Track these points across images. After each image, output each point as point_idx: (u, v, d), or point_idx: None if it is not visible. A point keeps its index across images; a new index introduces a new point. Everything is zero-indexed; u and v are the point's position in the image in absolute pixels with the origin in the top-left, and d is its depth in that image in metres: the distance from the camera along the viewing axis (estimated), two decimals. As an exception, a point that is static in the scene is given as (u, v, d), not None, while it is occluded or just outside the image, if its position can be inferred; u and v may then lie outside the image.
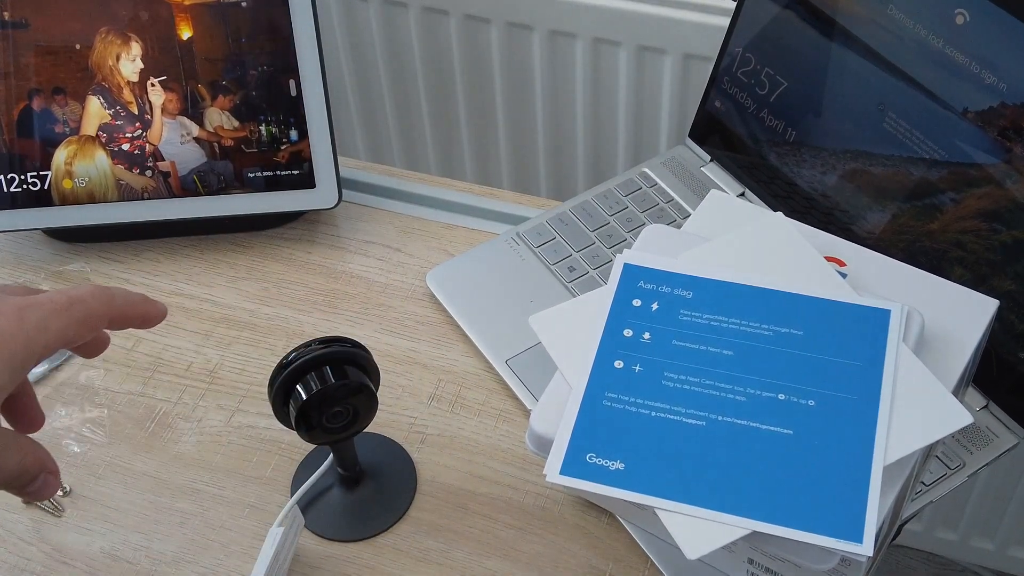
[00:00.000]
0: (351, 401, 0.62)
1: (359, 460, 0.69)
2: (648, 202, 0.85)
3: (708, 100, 0.87)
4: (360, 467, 0.69)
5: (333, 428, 0.63)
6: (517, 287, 0.80)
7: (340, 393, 0.61)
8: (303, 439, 0.63)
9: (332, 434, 0.63)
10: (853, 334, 0.55)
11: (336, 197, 0.83)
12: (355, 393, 0.62)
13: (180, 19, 0.79)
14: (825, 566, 0.50)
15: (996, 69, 0.66)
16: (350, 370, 0.62)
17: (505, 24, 1.15)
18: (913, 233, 0.73)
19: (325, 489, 0.69)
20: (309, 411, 0.61)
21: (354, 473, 0.69)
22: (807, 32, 0.77)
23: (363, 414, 0.63)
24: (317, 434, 0.63)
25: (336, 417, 0.62)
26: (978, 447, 0.69)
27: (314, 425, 0.62)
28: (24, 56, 0.79)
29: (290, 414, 0.62)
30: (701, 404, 0.53)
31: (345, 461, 0.68)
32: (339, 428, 0.63)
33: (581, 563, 0.66)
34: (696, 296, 0.57)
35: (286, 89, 0.80)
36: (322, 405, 0.61)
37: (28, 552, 0.68)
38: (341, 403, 0.62)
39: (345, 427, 0.63)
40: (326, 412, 0.62)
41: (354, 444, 0.67)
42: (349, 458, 0.68)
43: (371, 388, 0.63)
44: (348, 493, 0.69)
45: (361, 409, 0.63)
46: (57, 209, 0.82)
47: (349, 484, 0.69)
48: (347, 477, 0.69)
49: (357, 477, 0.69)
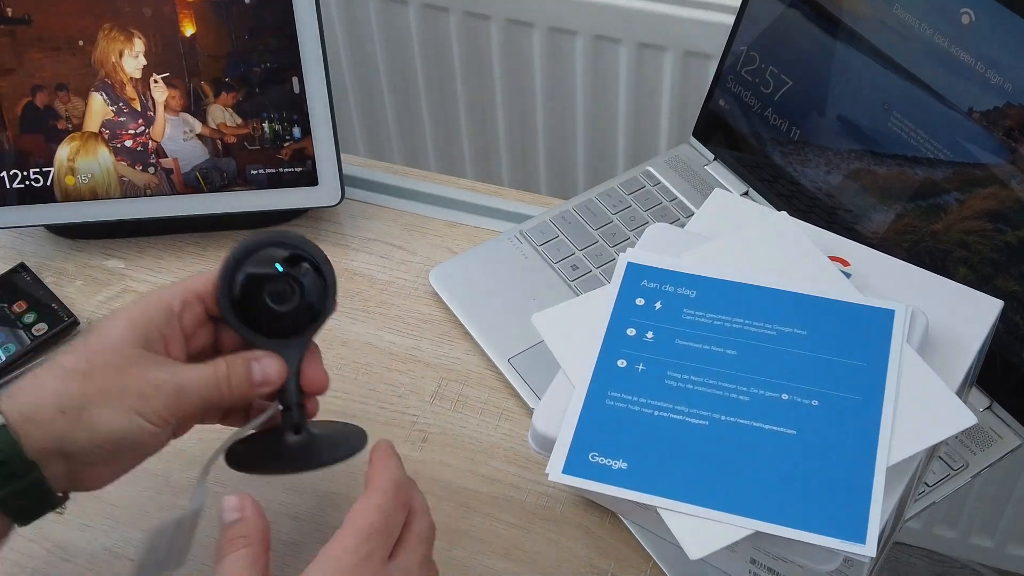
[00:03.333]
0: (296, 277, 0.58)
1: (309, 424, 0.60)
2: (651, 201, 0.85)
3: (712, 98, 0.86)
4: (304, 410, 0.60)
5: (282, 314, 0.58)
6: (520, 285, 0.80)
7: (279, 258, 0.58)
8: (255, 342, 0.58)
9: (283, 325, 0.58)
10: (857, 334, 0.55)
11: (339, 195, 0.83)
12: (297, 264, 0.58)
13: (183, 16, 0.79)
14: (828, 567, 0.50)
15: (1002, 69, 0.66)
16: (291, 245, 0.59)
17: (505, 21, 1.14)
18: (917, 233, 0.73)
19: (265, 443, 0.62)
20: (249, 287, 0.57)
21: (296, 415, 0.60)
22: (812, 31, 0.77)
23: (314, 299, 0.58)
24: (265, 323, 0.58)
25: (283, 299, 0.58)
26: (981, 448, 0.69)
27: (259, 308, 0.57)
28: (27, 52, 0.79)
29: (233, 306, 0.58)
30: (704, 404, 0.53)
31: (288, 384, 0.59)
32: (289, 315, 0.58)
33: (583, 562, 0.66)
34: (700, 295, 0.57)
35: (289, 86, 0.80)
36: (264, 281, 0.57)
37: (30, 549, 0.68)
38: (284, 281, 0.58)
39: (296, 316, 0.58)
40: (269, 287, 0.57)
41: (299, 361, 0.60)
42: (292, 373, 0.59)
43: (316, 263, 0.59)
44: (286, 436, 0.60)
45: (309, 290, 0.58)
46: (60, 205, 0.82)
47: (288, 426, 0.60)
48: (287, 417, 0.60)
49: (297, 422, 0.60)
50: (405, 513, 0.55)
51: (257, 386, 0.57)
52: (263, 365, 0.57)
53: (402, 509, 0.54)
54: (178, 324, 0.57)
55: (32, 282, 0.82)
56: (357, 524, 0.52)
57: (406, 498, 0.55)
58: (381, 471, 0.55)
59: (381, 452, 0.57)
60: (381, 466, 0.55)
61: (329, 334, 0.79)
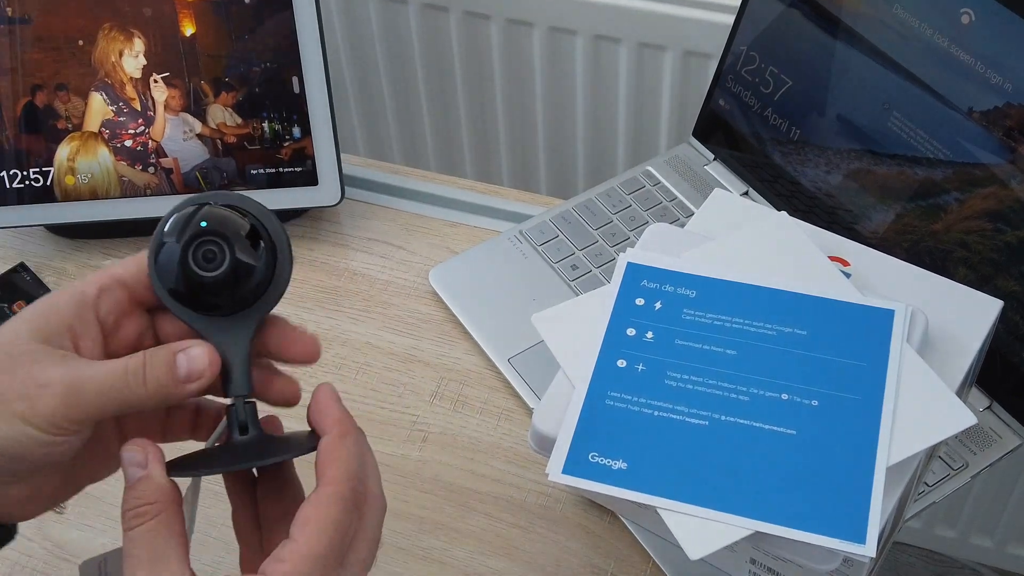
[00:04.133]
0: (224, 235, 0.47)
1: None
2: (651, 200, 0.85)
3: (712, 98, 0.86)
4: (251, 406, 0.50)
5: (216, 284, 0.47)
6: (520, 285, 0.80)
7: (200, 216, 0.47)
8: (188, 321, 0.49)
9: (223, 298, 0.48)
10: (857, 334, 0.55)
11: (339, 194, 0.83)
12: (228, 222, 0.48)
13: (183, 15, 0.79)
14: (828, 567, 0.50)
15: (1002, 69, 0.66)
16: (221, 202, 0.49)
17: (505, 21, 1.14)
18: (917, 233, 0.73)
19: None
20: (175, 253, 0.47)
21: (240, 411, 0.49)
22: (812, 31, 0.77)
23: (255, 264, 0.48)
24: (205, 298, 0.48)
25: (211, 261, 0.47)
26: (981, 448, 0.69)
27: (195, 279, 0.47)
28: (27, 52, 0.79)
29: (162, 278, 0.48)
30: (704, 404, 0.53)
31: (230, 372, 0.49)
32: (226, 284, 0.47)
33: (583, 562, 0.66)
34: (699, 295, 0.57)
35: (289, 86, 0.80)
36: (188, 243, 0.47)
37: (30, 548, 0.68)
38: (210, 239, 0.47)
39: (227, 283, 0.48)
40: (192, 246, 0.47)
41: (248, 345, 0.50)
42: (235, 366, 0.49)
43: (247, 221, 0.49)
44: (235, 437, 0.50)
45: (242, 254, 0.48)
46: (60, 205, 0.82)
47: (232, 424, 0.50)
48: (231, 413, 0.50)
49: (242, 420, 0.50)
50: (362, 501, 0.48)
51: (183, 382, 0.47)
52: (190, 356, 0.47)
53: (359, 500, 0.47)
54: (93, 315, 0.48)
55: (32, 282, 0.82)
56: (321, 523, 0.45)
57: (362, 488, 0.48)
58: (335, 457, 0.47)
59: (335, 437, 0.48)
60: (335, 454, 0.47)
61: (329, 334, 0.79)
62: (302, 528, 0.45)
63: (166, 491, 0.46)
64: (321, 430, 0.48)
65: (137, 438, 0.46)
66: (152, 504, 0.45)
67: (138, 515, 0.45)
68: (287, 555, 0.45)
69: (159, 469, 0.46)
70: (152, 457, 0.46)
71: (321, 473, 0.47)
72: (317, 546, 0.45)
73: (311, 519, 0.45)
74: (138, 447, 0.46)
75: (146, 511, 0.45)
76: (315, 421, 0.49)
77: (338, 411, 0.48)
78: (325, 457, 0.47)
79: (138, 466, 0.46)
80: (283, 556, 0.45)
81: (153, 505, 0.45)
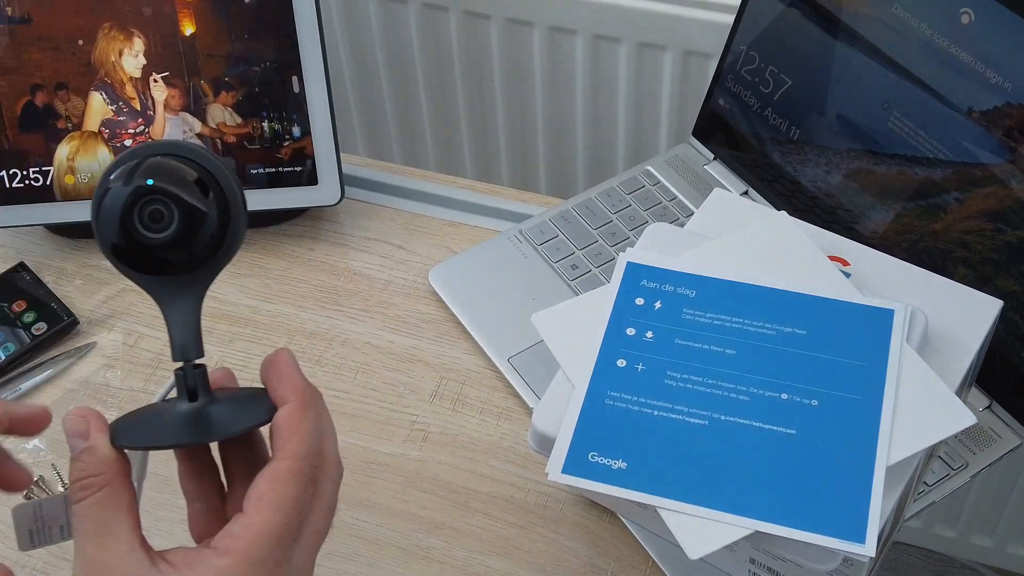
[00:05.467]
0: (174, 193, 0.44)
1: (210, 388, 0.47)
2: (651, 200, 0.85)
3: (712, 98, 0.86)
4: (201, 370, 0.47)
5: (164, 243, 0.44)
6: (519, 285, 0.80)
7: (144, 170, 0.44)
8: (136, 281, 0.46)
9: (172, 257, 0.45)
10: (857, 334, 0.55)
11: (339, 194, 0.83)
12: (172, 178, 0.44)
13: (183, 15, 0.79)
14: (827, 566, 0.50)
15: (1001, 69, 0.66)
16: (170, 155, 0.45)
17: (505, 20, 1.14)
18: (917, 233, 0.73)
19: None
20: (112, 205, 0.44)
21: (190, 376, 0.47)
22: (812, 30, 0.77)
23: (196, 223, 0.45)
24: (153, 256, 0.45)
25: (158, 221, 0.44)
26: (981, 447, 0.69)
27: (128, 229, 0.44)
28: (27, 51, 0.79)
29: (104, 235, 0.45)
30: (704, 403, 0.53)
31: (178, 335, 0.46)
32: (175, 243, 0.44)
33: (583, 562, 0.66)
34: (699, 295, 0.57)
35: (289, 86, 0.80)
36: (128, 194, 0.44)
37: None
38: (158, 197, 0.44)
39: (175, 244, 0.44)
40: (139, 205, 0.44)
41: (196, 311, 0.47)
42: (185, 328, 0.46)
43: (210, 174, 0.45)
44: (177, 404, 0.47)
45: (191, 212, 0.44)
46: (59, 205, 0.82)
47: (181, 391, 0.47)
48: (180, 379, 0.47)
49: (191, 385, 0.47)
50: (319, 474, 0.46)
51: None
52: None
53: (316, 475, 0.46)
54: None
55: (32, 281, 0.82)
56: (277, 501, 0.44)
57: (320, 462, 0.46)
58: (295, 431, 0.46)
59: (296, 409, 0.46)
60: (296, 427, 0.46)
61: (329, 334, 0.79)
62: (256, 504, 0.44)
63: (111, 462, 0.44)
64: (280, 398, 0.46)
65: (80, 407, 0.45)
66: (97, 476, 0.43)
67: (83, 487, 0.43)
68: (240, 530, 0.44)
69: (102, 439, 0.44)
70: (94, 427, 0.44)
71: (279, 445, 0.45)
72: (272, 523, 0.44)
73: (265, 495, 0.44)
74: (80, 416, 0.44)
75: (91, 483, 0.43)
76: (272, 387, 0.46)
77: (299, 379, 0.46)
78: (284, 430, 0.45)
79: (80, 436, 0.44)
80: (236, 532, 0.43)
81: (98, 477, 0.43)
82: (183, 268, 0.46)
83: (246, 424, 0.46)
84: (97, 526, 0.43)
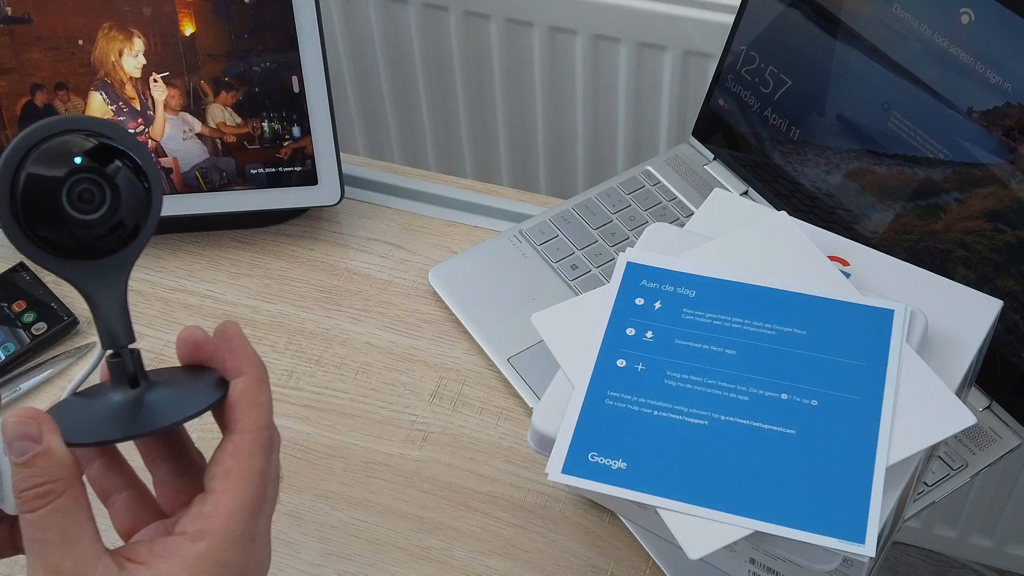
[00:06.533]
0: (106, 174, 0.42)
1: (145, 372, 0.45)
2: (651, 200, 0.85)
3: (712, 98, 0.86)
4: (136, 354, 0.45)
5: (89, 225, 0.42)
6: (519, 285, 0.80)
7: (78, 150, 0.42)
8: (53, 269, 0.43)
9: (91, 240, 0.43)
10: (857, 334, 0.55)
11: (339, 194, 0.83)
12: (104, 155, 0.42)
13: (183, 15, 0.79)
14: (827, 567, 0.50)
15: (1001, 69, 0.66)
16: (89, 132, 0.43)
17: (505, 20, 1.14)
18: (917, 233, 0.73)
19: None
20: (38, 192, 0.41)
21: (128, 363, 0.45)
22: (812, 30, 0.77)
23: (126, 199, 0.42)
24: (66, 240, 0.42)
25: (88, 203, 0.42)
26: (980, 448, 0.69)
27: (55, 220, 0.41)
28: (27, 51, 0.79)
29: (15, 203, 0.42)
30: (704, 403, 0.53)
31: (109, 321, 0.44)
32: (99, 225, 0.42)
33: (582, 562, 0.66)
34: (699, 295, 0.57)
35: (289, 86, 0.80)
36: (59, 181, 0.41)
37: (29, 548, 0.67)
38: (87, 175, 0.41)
39: (107, 226, 0.42)
40: (68, 183, 0.41)
41: (123, 294, 0.44)
42: (114, 314, 0.44)
43: (129, 153, 0.43)
44: (117, 393, 0.45)
45: (125, 190, 0.42)
46: (59, 205, 0.82)
47: (120, 379, 0.45)
48: (117, 367, 0.45)
49: (131, 372, 0.45)
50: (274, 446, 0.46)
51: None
52: None
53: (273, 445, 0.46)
54: None
55: (31, 281, 0.82)
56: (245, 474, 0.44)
57: (274, 432, 0.46)
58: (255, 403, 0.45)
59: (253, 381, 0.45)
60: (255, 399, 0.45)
61: (329, 333, 0.79)
62: (224, 481, 0.43)
63: (69, 465, 0.41)
64: (234, 370, 0.45)
65: (24, 408, 0.42)
66: (55, 481, 0.41)
67: (40, 495, 0.41)
68: (212, 510, 0.43)
69: (56, 441, 0.41)
70: (47, 429, 0.41)
71: (237, 417, 0.44)
72: (243, 498, 0.43)
73: (233, 471, 0.44)
74: (28, 418, 0.41)
75: (50, 490, 0.41)
76: (223, 359, 0.46)
77: (251, 351, 0.46)
78: (243, 402, 0.45)
79: (31, 440, 0.41)
80: (208, 512, 0.43)
81: (57, 482, 0.41)
82: (110, 249, 0.43)
83: (205, 402, 0.44)
84: (61, 535, 0.41)
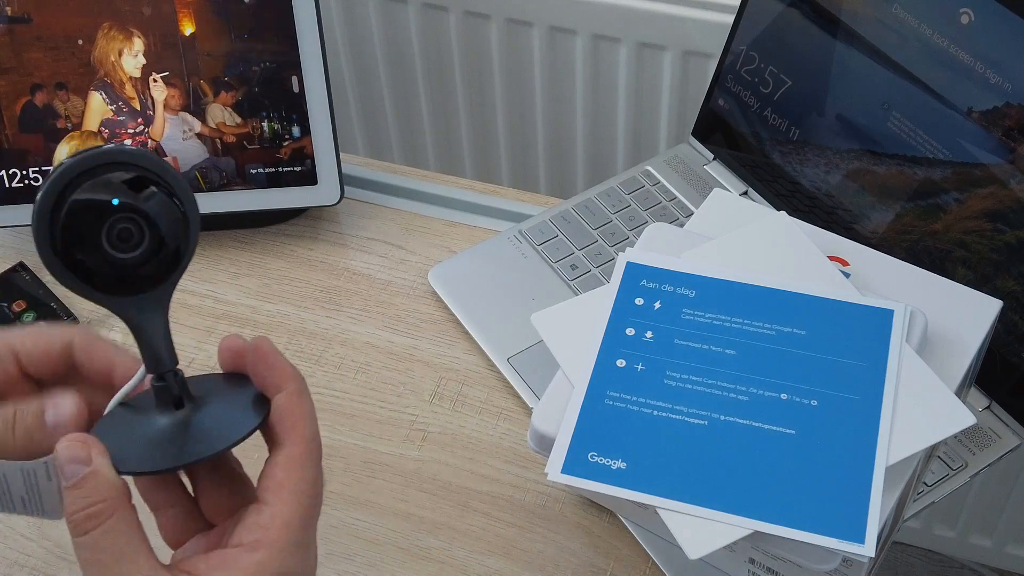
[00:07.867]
0: (143, 211, 0.42)
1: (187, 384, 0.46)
2: (651, 200, 0.85)
3: (711, 98, 0.86)
4: (180, 377, 0.46)
5: (128, 261, 0.43)
6: (519, 285, 0.80)
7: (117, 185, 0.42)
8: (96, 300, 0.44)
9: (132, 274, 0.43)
10: (856, 334, 0.55)
11: (338, 194, 0.83)
12: (139, 189, 0.43)
13: (183, 15, 0.79)
14: (827, 567, 0.50)
15: (1001, 69, 0.66)
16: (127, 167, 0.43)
17: (505, 20, 1.14)
18: (917, 233, 0.73)
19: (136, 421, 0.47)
20: (79, 227, 0.42)
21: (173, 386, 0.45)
22: (811, 31, 0.77)
23: (167, 234, 0.43)
24: (107, 274, 0.43)
25: (126, 238, 0.43)
26: (980, 448, 0.69)
27: (96, 255, 0.42)
28: (26, 51, 0.79)
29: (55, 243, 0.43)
30: (703, 403, 0.53)
31: (153, 347, 0.45)
32: (139, 261, 0.43)
33: (582, 562, 0.66)
34: (699, 295, 0.57)
35: (288, 85, 0.80)
36: (95, 211, 0.42)
37: (28, 548, 0.67)
38: (125, 213, 0.42)
39: (148, 260, 0.43)
40: (107, 224, 0.42)
41: (166, 319, 0.45)
42: (158, 340, 0.45)
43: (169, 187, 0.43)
44: (163, 416, 0.46)
45: (162, 224, 0.43)
46: (59, 205, 0.82)
47: (165, 402, 0.46)
48: (162, 390, 0.45)
49: (176, 394, 0.46)
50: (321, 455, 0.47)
51: (51, 431, 0.45)
52: (56, 405, 0.45)
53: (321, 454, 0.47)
54: None
55: (31, 281, 0.82)
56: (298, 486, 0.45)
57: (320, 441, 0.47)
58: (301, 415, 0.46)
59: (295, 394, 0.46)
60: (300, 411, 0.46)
61: (329, 334, 0.79)
62: (278, 493, 0.44)
63: (117, 486, 0.43)
64: (274, 386, 0.46)
65: (74, 432, 0.43)
66: (105, 502, 0.42)
67: (91, 516, 0.42)
68: (268, 521, 0.44)
69: (105, 463, 0.43)
70: (96, 451, 0.43)
71: (286, 432, 0.45)
72: (297, 509, 0.44)
73: (286, 483, 0.44)
74: (79, 442, 0.43)
75: (101, 511, 0.42)
76: (263, 376, 0.46)
77: (289, 364, 0.47)
78: (290, 416, 0.46)
79: (80, 463, 0.42)
80: (264, 523, 0.44)
81: (107, 503, 0.42)
82: (153, 281, 0.44)
83: (252, 424, 0.45)
84: (116, 555, 0.42)
